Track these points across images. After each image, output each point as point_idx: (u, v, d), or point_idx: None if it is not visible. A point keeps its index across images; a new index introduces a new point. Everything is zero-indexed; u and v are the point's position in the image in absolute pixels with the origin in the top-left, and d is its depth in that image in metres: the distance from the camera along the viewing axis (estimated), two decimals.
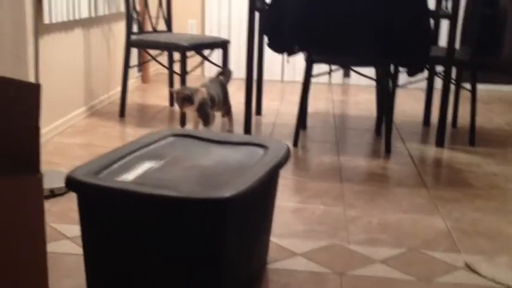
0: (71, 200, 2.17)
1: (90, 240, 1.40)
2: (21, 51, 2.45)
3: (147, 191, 1.30)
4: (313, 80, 3.48)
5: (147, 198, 1.29)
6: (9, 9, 2.34)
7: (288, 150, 1.68)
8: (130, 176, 1.41)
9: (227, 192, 1.29)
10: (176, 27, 4.69)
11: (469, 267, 1.79)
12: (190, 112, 2.90)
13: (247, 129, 3.19)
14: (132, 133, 3.12)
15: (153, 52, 4.00)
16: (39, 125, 1.02)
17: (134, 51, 4.19)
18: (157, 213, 1.32)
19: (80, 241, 1.85)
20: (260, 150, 1.68)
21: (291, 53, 2.99)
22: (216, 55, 4.64)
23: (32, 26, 2.58)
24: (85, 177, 1.35)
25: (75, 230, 1.93)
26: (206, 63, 4.66)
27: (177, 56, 3.40)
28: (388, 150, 2.98)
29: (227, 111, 3.15)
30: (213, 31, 4.82)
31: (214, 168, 1.52)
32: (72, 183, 1.35)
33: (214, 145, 1.72)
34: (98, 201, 1.36)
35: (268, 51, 4.14)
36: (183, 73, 3.21)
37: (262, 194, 1.54)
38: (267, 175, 1.47)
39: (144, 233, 1.34)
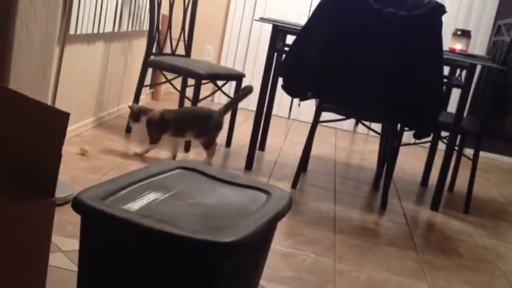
0: (68, 213, 2.20)
1: (87, 262, 1.43)
2: (47, 61, 2.50)
3: (150, 224, 1.33)
4: (321, 123, 3.53)
5: (149, 232, 1.32)
6: (43, 21, 2.39)
7: (290, 201, 1.71)
8: (135, 205, 1.45)
9: (228, 237, 1.33)
10: (194, 52, 4.77)
11: None
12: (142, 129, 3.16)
13: (249, 165, 3.24)
14: (135, 150, 3.16)
15: (168, 74, 4.06)
16: (62, 153, 1.06)
17: (149, 70, 4.26)
18: (157, 248, 1.35)
19: (72, 256, 1.88)
20: (263, 196, 1.72)
21: (304, 98, 3.04)
22: (229, 85, 4.71)
23: (59, 36, 2.64)
24: (91, 202, 1.38)
25: (70, 243, 1.96)
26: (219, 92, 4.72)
27: (191, 81, 3.46)
28: (383, 206, 3.02)
29: (205, 143, 3.10)
30: (229, 60, 4.90)
31: (217, 209, 1.55)
32: (78, 206, 1.38)
33: (219, 184, 1.76)
34: (100, 226, 1.40)
35: (279, 87, 4.20)
36: (196, 100, 3.27)
37: (260, 242, 1.58)
38: (267, 224, 1.51)
39: (142, 265, 1.37)
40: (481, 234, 2.89)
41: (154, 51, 3.58)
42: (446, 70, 3.64)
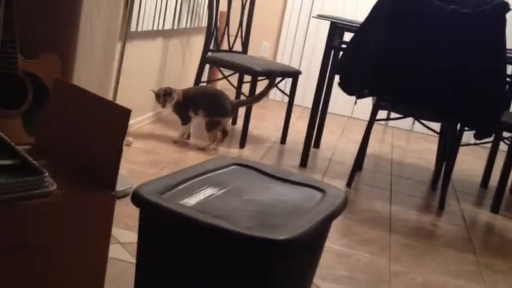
0: (127, 205, 2.25)
1: (144, 255, 1.46)
2: (109, 56, 2.57)
3: (206, 219, 1.35)
4: (377, 121, 3.48)
5: (206, 227, 1.34)
6: (105, 17, 2.46)
7: (345, 199, 1.70)
8: (192, 200, 1.47)
9: (282, 235, 1.33)
10: (250, 48, 4.78)
11: None
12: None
13: (304, 162, 3.23)
14: (192, 144, 3.20)
15: (225, 70, 4.10)
16: (123, 148, 1.09)
17: (206, 66, 4.30)
18: (212, 243, 1.37)
19: (130, 248, 1.93)
20: (318, 195, 1.71)
21: (360, 96, 3.01)
22: (284, 81, 4.71)
23: (121, 33, 2.71)
24: (150, 196, 1.42)
25: (128, 235, 2.01)
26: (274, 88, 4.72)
27: (247, 77, 3.48)
28: (441, 207, 2.95)
29: (208, 124, 3.13)
30: (285, 56, 4.90)
31: (272, 206, 1.56)
32: (137, 199, 1.42)
33: (274, 181, 1.77)
34: (158, 220, 1.43)
35: (336, 85, 4.17)
36: (252, 96, 3.28)
37: (314, 239, 1.57)
38: (321, 222, 1.51)
39: (197, 259, 1.39)
40: None
41: (211, 47, 3.62)
42: (509, 69, 3.52)
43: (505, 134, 3.55)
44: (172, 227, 1.41)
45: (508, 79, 3.04)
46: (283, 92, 3.73)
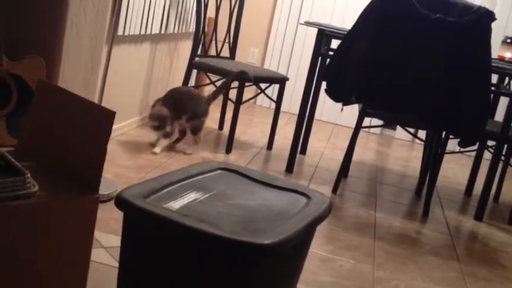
0: (111, 208, 2.24)
1: (128, 258, 1.46)
2: (95, 60, 2.57)
3: (190, 223, 1.35)
4: (364, 128, 3.50)
5: (189, 231, 1.34)
6: (92, 21, 2.46)
7: (330, 205, 1.71)
8: (176, 204, 1.47)
9: (267, 239, 1.33)
10: (238, 54, 4.80)
11: None
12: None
13: (290, 168, 3.23)
14: (178, 150, 3.19)
15: (212, 76, 4.10)
16: (106, 150, 1.09)
17: (194, 71, 4.30)
18: (196, 247, 1.37)
19: (113, 252, 1.91)
20: (303, 200, 1.72)
21: (347, 103, 3.03)
22: (272, 88, 4.72)
23: (108, 37, 2.70)
24: (133, 199, 1.41)
25: (111, 239, 2.00)
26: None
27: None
28: (425, 214, 2.97)
29: (194, 127, 3.13)
30: (273, 62, 4.91)
31: (256, 210, 1.56)
32: (120, 203, 1.41)
33: (259, 186, 1.77)
34: (141, 224, 1.42)
35: (323, 91, 4.19)
36: (238, 102, 3.29)
37: (298, 245, 1.57)
38: (306, 228, 1.51)
39: (181, 263, 1.38)
40: None
41: (199, 53, 3.62)
42: (494, 78, 3.56)
43: (490, 143, 3.59)
44: (156, 230, 1.41)
45: (492, 88, 3.07)
46: (270, 98, 3.73)
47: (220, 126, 3.85)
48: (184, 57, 4.03)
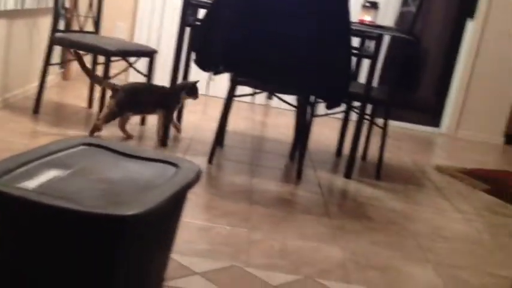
0: None
1: None
2: None
3: (46, 201, 1.29)
4: (236, 98, 3.53)
5: (47, 209, 1.28)
6: None
7: (199, 172, 1.71)
8: (32, 183, 1.40)
9: (131, 211, 1.31)
10: (104, 29, 4.63)
11: None
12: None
13: (163, 142, 3.20)
14: (43, 131, 3.05)
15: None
16: None
17: (58, 49, 4.10)
18: (56, 225, 1.31)
19: None
20: (171, 169, 1.70)
21: (216, 72, 3.03)
22: (143, 62, 4.61)
23: None
24: None
25: None
26: (132, 69, 4.62)
27: (102, 58, 3.36)
28: (299, 176, 3.07)
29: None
30: (142, 37, 4.80)
31: (121, 183, 1.52)
32: None
33: (124, 159, 1.73)
34: None
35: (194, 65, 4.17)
36: (106, 77, 3.18)
37: (167, 214, 1.56)
38: (174, 196, 1.50)
39: (43, 243, 1.32)
40: (391, 198, 3.00)
41: (62, 29, 3.45)
42: (356, 41, 3.72)
43: (356, 104, 3.76)
44: (11, 211, 1.33)
45: (354, 51, 3.21)
46: (140, 72, 3.65)
47: (90, 104, 3.72)
48: (45, 34, 3.82)
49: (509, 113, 4.96)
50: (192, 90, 3.25)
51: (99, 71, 3.52)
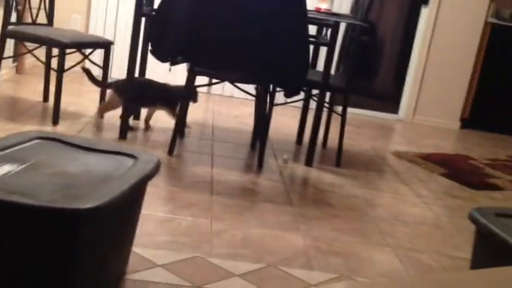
0: None
1: None
2: None
3: (1, 196, 1.25)
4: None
5: (1, 205, 1.25)
6: None
7: (158, 163, 1.69)
8: None
9: (86, 204, 1.28)
10: (58, 22, 4.52)
11: None
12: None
13: (123, 135, 3.16)
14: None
15: (30, 45, 3.83)
16: None
17: (11, 41, 3.99)
18: (11, 220, 1.28)
19: None
20: (129, 161, 1.68)
21: (174, 63, 3.00)
22: (99, 54, 4.53)
23: None
24: None
25: None
26: (88, 61, 4.53)
27: (56, 51, 3.29)
28: (260, 165, 3.08)
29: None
30: (98, 29, 4.71)
31: (79, 176, 1.50)
32: None
33: (81, 152, 1.70)
34: None
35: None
36: (61, 70, 3.11)
37: (126, 206, 1.54)
38: (132, 188, 1.48)
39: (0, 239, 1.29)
40: (351, 184, 3.04)
41: (14, 21, 3.35)
42: (313, 29, 3.73)
43: (315, 92, 3.78)
44: None
45: (311, 39, 3.22)
46: (96, 64, 3.59)
47: (45, 98, 3.63)
48: None
49: (465, 97, 5.08)
50: (191, 94, 3.32)
51: (54, 63, 3.44)
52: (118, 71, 4.72)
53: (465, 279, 1.02)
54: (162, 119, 3.73)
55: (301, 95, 3.46)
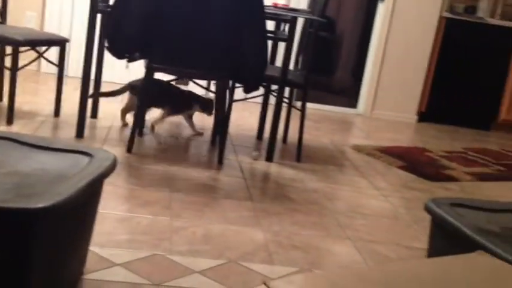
0: None
1: None
2: None
3: None
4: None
5: None
6: None
7: (115, 161, 1.67)
8: None
9: (41, 203, 1.26)
10: (12, 19, 4.42)
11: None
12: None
13: (80, 133, 3.11)
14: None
15: None
16: None
17: None
18: None
19: None
20: (85, 159, 1.65)
21: (131, 59, 2.96)
22: (55, 52, 4.44)
23: None
24: None
25: None
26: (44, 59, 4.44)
27: (9, 49, 3.21)
28: (220, 162, 3.07)
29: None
30: (53, 26, 4.62)
31: (32, 175, 1.47)
32: None
33: (35, 150, 1.66)
34: None
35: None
36: (14, 69, 3.04)
37: (81, 204, 1.52)
38: (88, 186, 1.46)
39: None
40: (311, 179, 3.06)
41: None
42: (271, 25, 3.74)
43: (274, 87, 3.79)
44: None
45: (269, 34, 3.23)
46: (51, 62, 3.52)
47: (1, 98, 3.55)
48: None
49: (421, 91, 5.17)
50: (206, 105, 3.43)
51: (7, 62, 3.36)
52: (75, 68, 4.65)
53: (418, 267, 1.04)
54: (120, 117, 3.68)
55: (261, 91, 3.46)
